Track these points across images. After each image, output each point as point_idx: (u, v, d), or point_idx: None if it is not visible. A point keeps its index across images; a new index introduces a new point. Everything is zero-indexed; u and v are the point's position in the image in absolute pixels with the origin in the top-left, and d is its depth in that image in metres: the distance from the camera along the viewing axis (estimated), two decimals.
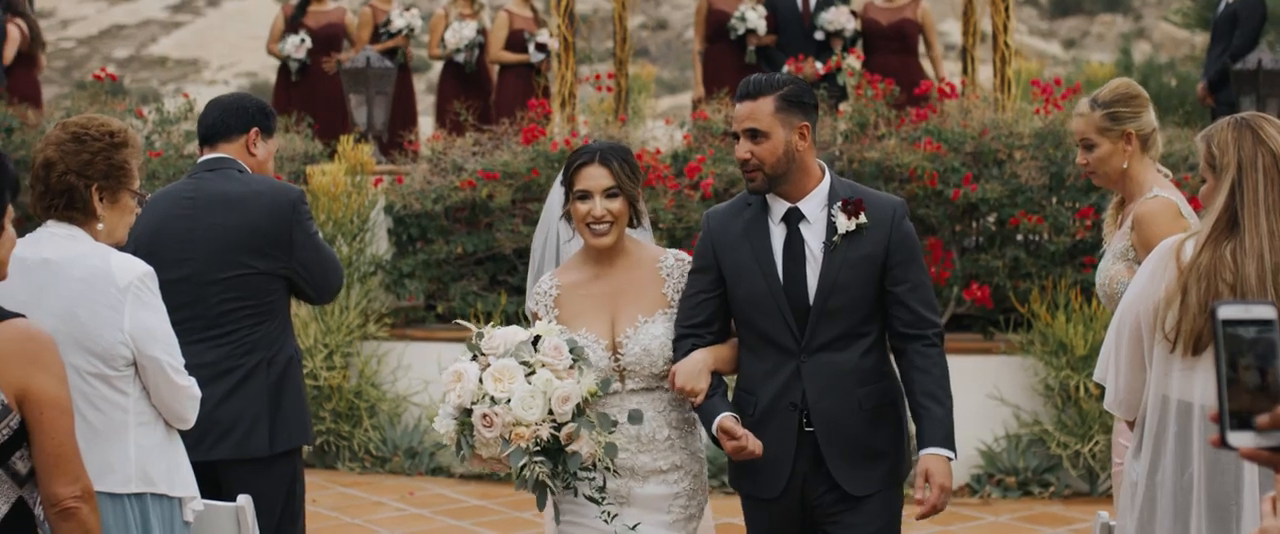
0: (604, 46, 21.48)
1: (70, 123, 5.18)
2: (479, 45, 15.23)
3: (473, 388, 5.23)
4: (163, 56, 30.77)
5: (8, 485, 4.17)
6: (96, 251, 5.02)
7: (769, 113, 5.44)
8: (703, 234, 5.71)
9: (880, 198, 5.57)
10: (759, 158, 5.44)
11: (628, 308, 5.66)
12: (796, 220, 5.53)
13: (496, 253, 11.76)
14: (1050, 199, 11.04)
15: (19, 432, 4.14)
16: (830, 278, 5.45)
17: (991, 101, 12.40)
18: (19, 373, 4.09)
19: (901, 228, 5.53)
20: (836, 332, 5.49)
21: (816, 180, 5.56)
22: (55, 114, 13.01)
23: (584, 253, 5.78)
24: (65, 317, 4.93)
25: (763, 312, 5.53)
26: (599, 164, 5.61)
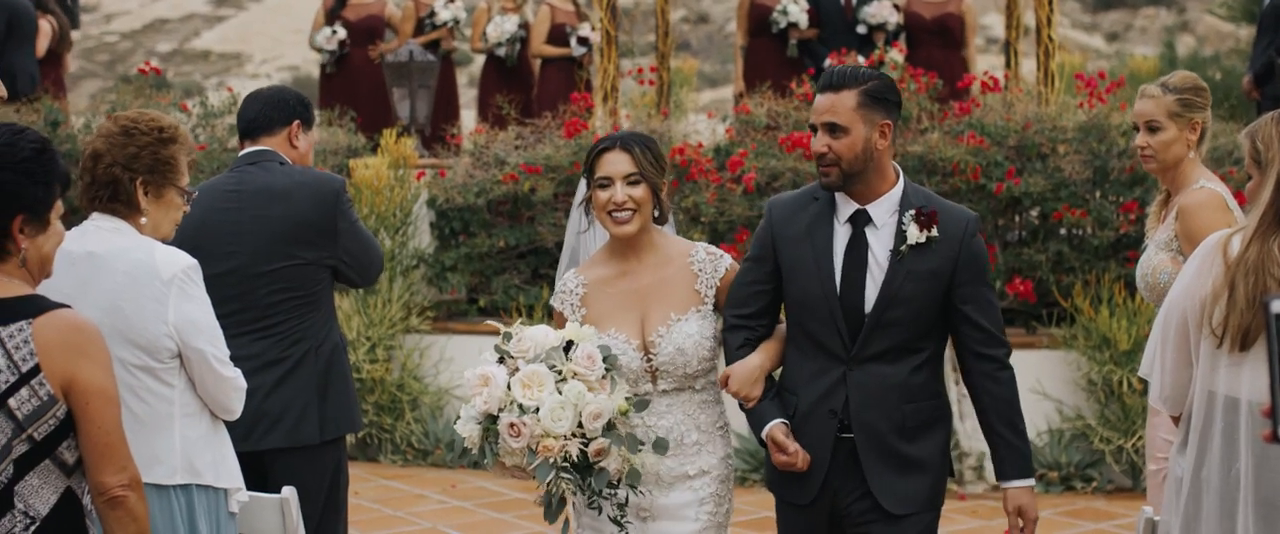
0: (645, 40, 21.48)
1: (121, 116, 5.20)
2: (520, 39, 15.23)
3: (500, 394, 5.07)
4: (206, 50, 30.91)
5: (56, 475, 4.19)
6: (140, 245, 5.03)
7: (851, 107, 5.22)
8: (764, 222, 5.49)
9: (953, 210, 5.36)
10: (836, 153, 5.23)
11: (659, 305, 5.49)
12: (863, 223, 5.32)
13: (538, 246, 11.77)
14: (1094, 193, 10.99)
15: (66, 422, 4.15)
16: (892, 289, 5.25)
17: (1035, 95, 12.35)
18: (65, 363, 4.11)
19: (972, 245, 5.32)
20: (889, 344, 5.29)
21: (890, 184, 5.34)
22: (100, 108, 13.05)
23: (610, 248, 5.61)
24: (110, 310, 4.95)
25: (814, 315, 5.34)
26: (620, 150, 5.46)
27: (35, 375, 4.10)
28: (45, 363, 4.10)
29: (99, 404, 4.15)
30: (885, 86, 5.27)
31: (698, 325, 5.45)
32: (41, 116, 12.69)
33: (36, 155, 4.20)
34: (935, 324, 5.34)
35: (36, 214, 4.21)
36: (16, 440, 4.12)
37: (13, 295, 4.17)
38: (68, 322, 4.16)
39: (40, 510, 4.18)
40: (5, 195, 4.16)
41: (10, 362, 4.10)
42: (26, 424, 4.11)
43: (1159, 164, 6.39)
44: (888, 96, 5.26)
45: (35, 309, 4.15)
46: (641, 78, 13.91)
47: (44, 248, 4.26)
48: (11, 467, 4.14)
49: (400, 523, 9.68)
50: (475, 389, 5.10)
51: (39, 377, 4.10)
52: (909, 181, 5.37)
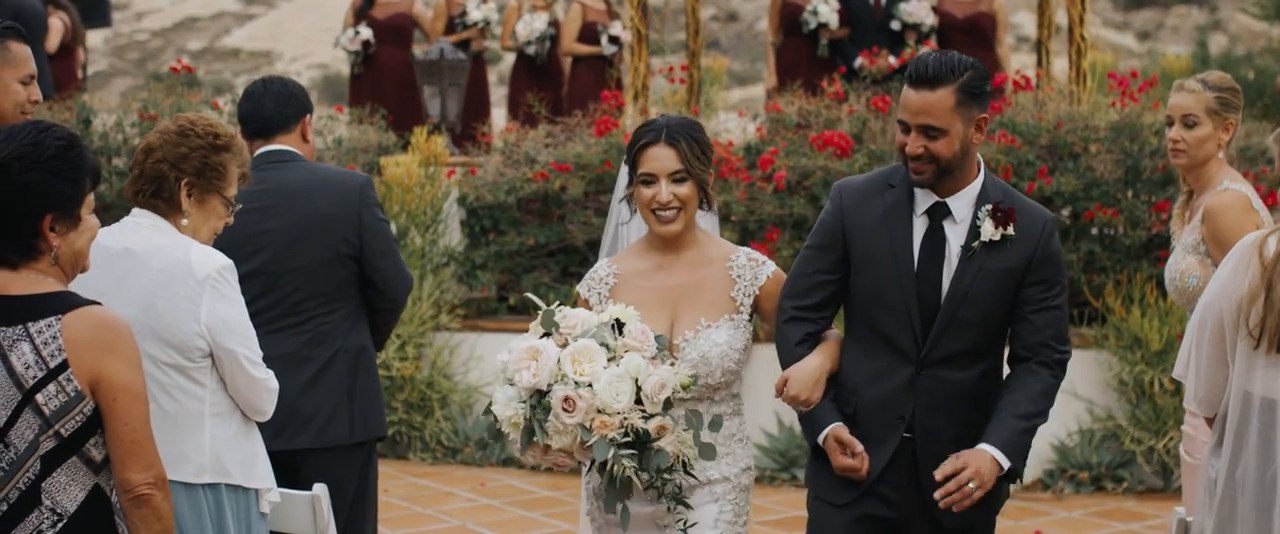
0: (674, 38, 21.47)
1: (181, 117, 5.22)
2: (550, 37, 15.24)
3: (552, 367, 4.80)
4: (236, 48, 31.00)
5: (83, 472, 4.19)
6: (177, 243, 5.05)
7: (949, 107, 4.94)
8: (831, 209, 5.22)
9: (1031, 208, 5.13)
10: (934, 153, 4.98)
11: (690, 307, 5.25)
12: (942, 216, 5.10)
13: (569, 245, 11.78)
14: (1126, 193, 10.96)
15: (92, 418, 4.16)
16: (963, 285, 5.04)
17: (1067, 94, 12.31)
18: (93, 359, 4.12)
19: (1048, 245, 5.10)
20: (962, 346, 5.08)
21: (973, 177, 5.11)
22: (131, 106, 13.09)
23: (647, 240, 5.38)
24: (144, 307, 4.96)
25: (887, 308, 5.11)
26: (665, 144, 5.20)
27: (63, 371, 4.10)
28: (73, 359, 4.11)
29: (125, 401, 4.16)
30: (980, 77, 4.99)
31: (728, 334, 5.21)
32: (74, 114, 12.73)
33: (63, 152, 4.19)
34: (1003, 328, 5.15)
35: (66, 211, 4.21)
36: (44, 436, 4.13)
37: (44, 291, 4.18)
38: (97, 318, 4.17)
39: (67, 507, 4.18)
40: (34, 195, 4.16)
41: (39, 357, 4.10)
42: (54, 420, 4.12)
43: (1189, 160, 6.37)
44: (983, 87, 4.99)
45: (65, 305, 4.15)
46: (672, 76, 13.91)
47: (76, 244, 4.26)
48: (39, 463, 4.14)
49: (429, 521, 9.69)
50: (520, 364, 4.84)
51: (67, 372, 4.10)
52: (990, 174, 5.16)
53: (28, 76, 5.58)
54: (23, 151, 4.18)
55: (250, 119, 6.37)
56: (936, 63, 4.93)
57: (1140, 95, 11.44)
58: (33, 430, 4.12)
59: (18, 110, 5.60)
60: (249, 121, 6.37)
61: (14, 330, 4.12)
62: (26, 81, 5.61)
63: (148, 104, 12.68)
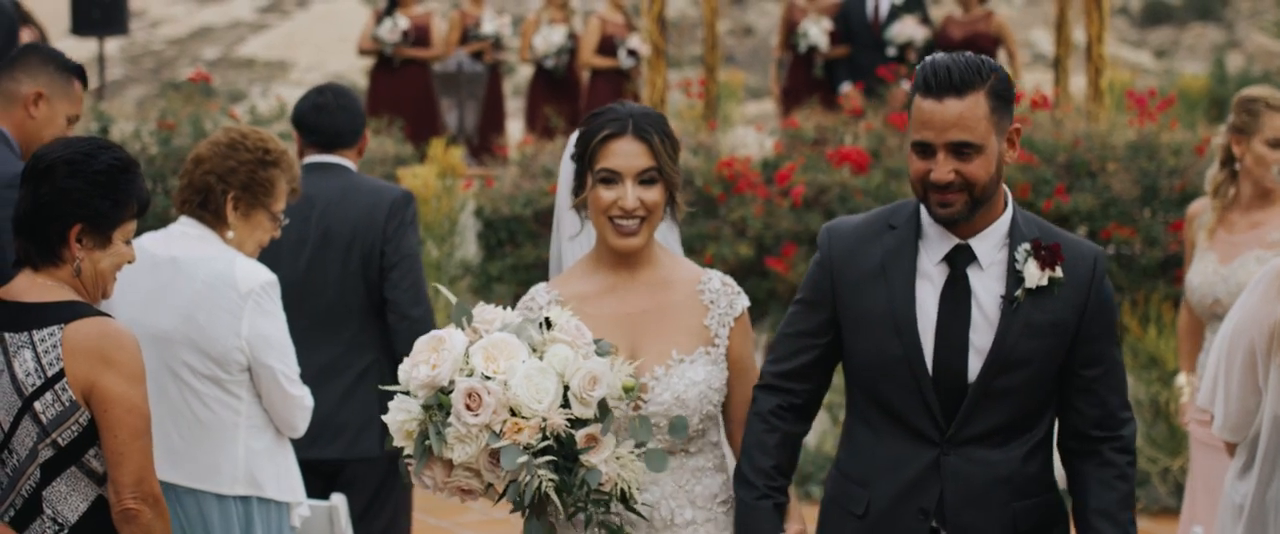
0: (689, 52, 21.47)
1: (233, 129, 5.25)
2: (568, 50, 15.26)
3: (456, 357, 3.91)
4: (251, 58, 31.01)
5: (85, 483, 4.20)
6: (223, 255, 5.06)
7: (984, 116, 3.98)
8: (820, 257, 4.25)
9: (1077, 245, 4.16)
10: (969, 178, 3.98)
11: (656, 338, 4.28)
12: (965, 262, 4.11)
13: None
14: (1143, 211, 10.95)
15: (90, 429, 4.16)
16: (1006, 347, 4.05)
17: (1084, 112, 12.31)
18: (88, 370, 4.12)
19: (1101, 289, 4.15)
20: (999, 420, 4.11)
21: (1000, 209, 4.13)
22: (149, 114, 13.10)
23: (595, 257, 4.40)
24: (185, 316, 4.97)
25: (895, 382, 4.13)
26: (634, 137, 4.24)
27: (59, 380, 4.12)
28: (69, 368, 4.12)
29: (117, 413, 4.14)
30: (1006, 79, 4.08)
31: (706, 372, 4.28)
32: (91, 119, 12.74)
33: (113, 171, 4.22)
34: (1052, 394, 4.19)
35: (97, 227, 4.22)
36: (42, 445, 4.15)
37: (52, 300, 4.19)
38: (98, 328, 4.17)
39: (68, 518, 4.20)
40: (68, 201, 4.19)
41: (39, 365, 4.12)
42: (51, 429, 4.13)
43: None
44: (1012, 92, 4.10)
45: (71, 315, 4.17)
46: (689, 90, 13.91)
47: (99, 264, 4.26)
48: (39, 471, 4.17)
49: (443, 533, 9.67)
50: (422, 357, 3.93)
51: (62, 381, 4.12)
52: (1017, 205, 4.21)
53: (75, 116, 5.58)
54: (74, 158, 4.23)
55: (316, 130, 6.33)
56: (958, 65, 3.98)
57: (1158, 114, 11.43)
58: (31, 438, 4.15)
59: (44, 142, 5.60)
60: (314, 132, 6.33)
61: (20, 337, 4.15)
62: (72, 120, 5.60)
63: (165, 112, 12.70)
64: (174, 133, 11.76)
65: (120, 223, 4.26)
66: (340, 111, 6.34)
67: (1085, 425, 4.20)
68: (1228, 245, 6.42)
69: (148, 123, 12.73)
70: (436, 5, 20.75)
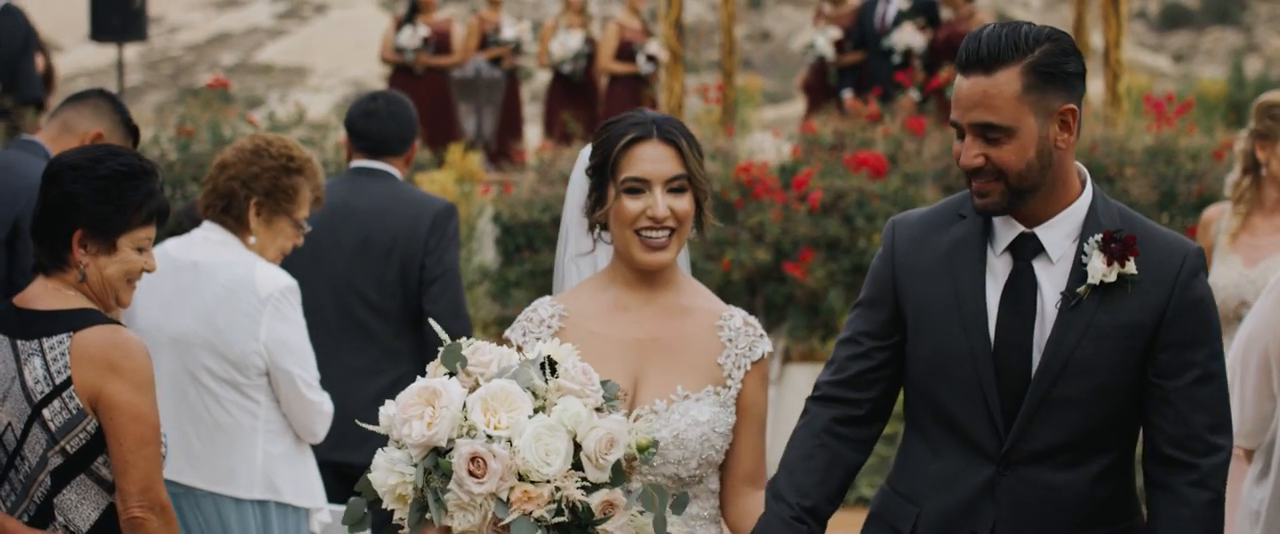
0: (706, 58, 21.49)
1: (259, 135, 5.26)
2: (586, 56, 15.29)
3: (454, 414, 3.45)
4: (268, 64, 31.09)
5: (95, 491, 4.19)
6: (243, 260, 5.08)
7: (1014, 95, 3.53)
8: (882, 251, 3.84)
9: (1163, 238, 3.66)
10: (999, 164, 3.57)
11: (663, 369, 3.87)
12: (1030, 253, 3.65)
13: None
14: (1161, 216, 10.93)
15: (97, 437, 4.15)
16: (1064, 349, 3.58)
17: (1102, 117, 12.30)
18: (95, 377, 4.11)
19: (1189, 289, 3.60)
20: (1062, 436, 3.61)
21: (1073, 195, 3.66)
22: (168, 121, 13.14)
23: (610, 273, 3.99)
24: (204, 320, 4.99)
25: (955, 384, 3.68)
26: (661, 141, 3.86)
27: (67, 388, 4.11)
28: (76, 376, 4.11)
29: (123, 422, 4.12)
30: (1061, 51, 3.57)
31: (712, 413, 3.83)
32: None
33: (118, 177, 4.20)
34: (1127, 412, 3.66)
35: (99, 232, 4.20)
36: (51, 452, 4.14)
37: (63, 307, 4.19)
38: (106, 337, 4.16)
39: (80, 526, 4.19)
40: (70, 205, 4.19)
41: (47, 373, 4.12)
42: (58, 436, 4.13)
43: None
44: (1067, 66, 3.58)
45: (80, 322, 4.16)
46: (707, 96, 13.91)
47: (106, 270, 4.23)
48: (49, 478, 4.16)
49: None
50: (411, 411, 3.47)
51: (70, 389, 4.11)
52: (1100, 192, 3.72)
53: (96, 137, 5.59)
54: (80, 163, 4.23)
55: (365, 135, 6.33)
56: (993, 37, 3.57)
57: (1176, 119, 11.42)
58: (41, 446, 4.15)
59: None
60: (363, 137, 6.33)
61: (31, 344, 4.15)
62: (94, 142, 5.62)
63: (184, 119, 12.74)
64: (192, 139, 11.79)
65: (126, 230, 4.22)
66: (390, 119, 6.34)
67: (1163, 444, 3.61)
68: (1252, 249, 6.43)
69: (166, 129, 12.77)
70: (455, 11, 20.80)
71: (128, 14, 15.15)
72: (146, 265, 4.29)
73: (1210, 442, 3.59)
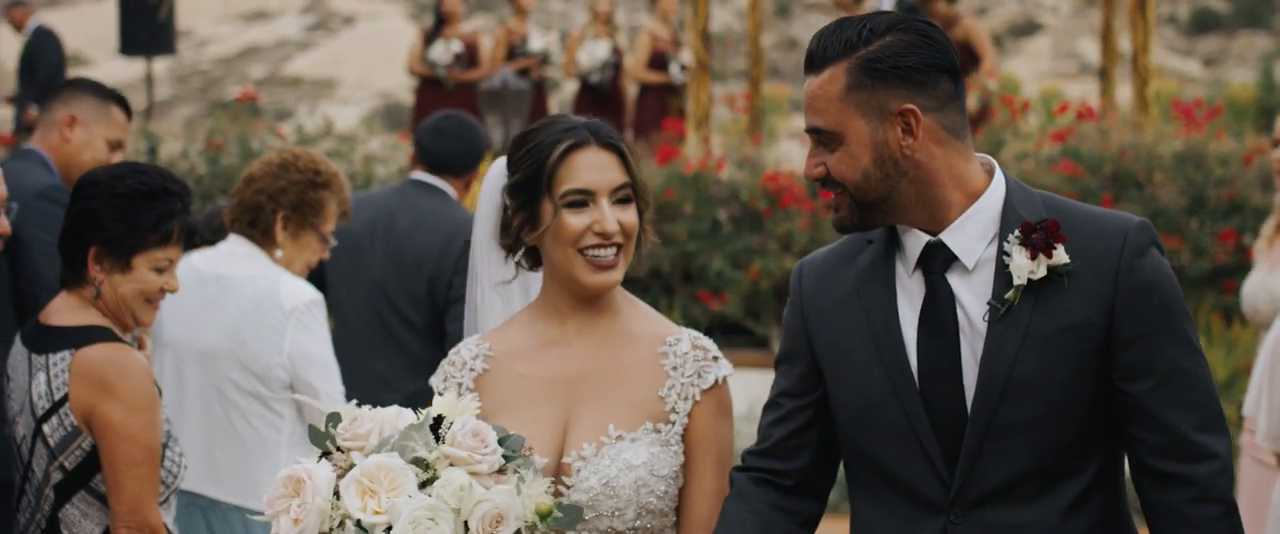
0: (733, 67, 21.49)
1: (287, 150, 5.28)
2: (612, 65, 15.30)
3: (320, 506, 3.04)
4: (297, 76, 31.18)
5: (97, 508, 4.19)
6: (268, 273, 5.10)
7: (836, 95, 3.10)
8: (791, 296, 3.36)
9: (1100, 219, 3.13)
10: (835, 174, 3.13)
11: (595, 408, 3.41)
12: (942, 265, 3.15)
13: (630, 275, 11.76)
14: (1190, 222, 10.90)
15: (94, 454, 4.15)
16: (1000, 366, 3.06)
17: (1130, 123, 12.27)
18: (88, 396, 4.11)
19: (1136, 272, 3.05)
20: (1018, 467, 3.09)
21: (974, 190, 3.15)
22: (197, 134, 13.20)
23: (542, 303, 3.53)
24: (229, 333, 5.00)
25: (884, 431, 3.18)
26: (601, 147, 3.42)
27: (63, 405, 4.13)
28: (72, 393, 4.12)
29: (113, 442, 4.11)
30: (903, 45, 3.10)
31: (648, 454, 3.36)
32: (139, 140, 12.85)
33: (133, 195, 4.20)
34: (1096, 421, 3.12)
35: (112, 250, 4.20)
36: (52, 467, 4.16)
37: (69, 324, 4.20)
38: (104, 355, 4.15)
39: None
40: (86, 221, 4.20)
41: (49, 388, 4.14)
42: (57, 452, 4.15)
43: None
44: (906, 60, 3.09)
45: (84, 339, 4.17)
46: (734, 105, 13.91)
47: (120, 289, 4.23)
48: (52, 493, 4.18)
49: None
50: (277, 504, 3.09)
51: (66, 406, 4.12)
52: (1016, 182, 3.22)
53: (116, 142, 5.62)
54: (102, 179, 4.25)
55: (430, 151, 6.45)
56: (827, 31, 3.17)
57: (1206, 124, 11.38)
58: (44, 460, 4.17)
59: (86, 167, 5.61)
60: (426, 152, 6.46)
61: (40, 359, 4.17)
62: (114, 146, 5.64)
63: (213, 132, 12.78)
64: (221, 152, 11.84)
65: (141, 249, 4.20)
66: (455, 139, 6.44)
67: (1147, 457, 3.09)
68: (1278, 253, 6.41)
69: (195, 142, 12.83)
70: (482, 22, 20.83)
71: (156, 28, 15.24)
72: (166, 286, 4.27)
73: (1200, 444, 3.05)
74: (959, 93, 3.15)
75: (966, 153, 3.16)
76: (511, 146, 3.50)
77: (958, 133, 3.13)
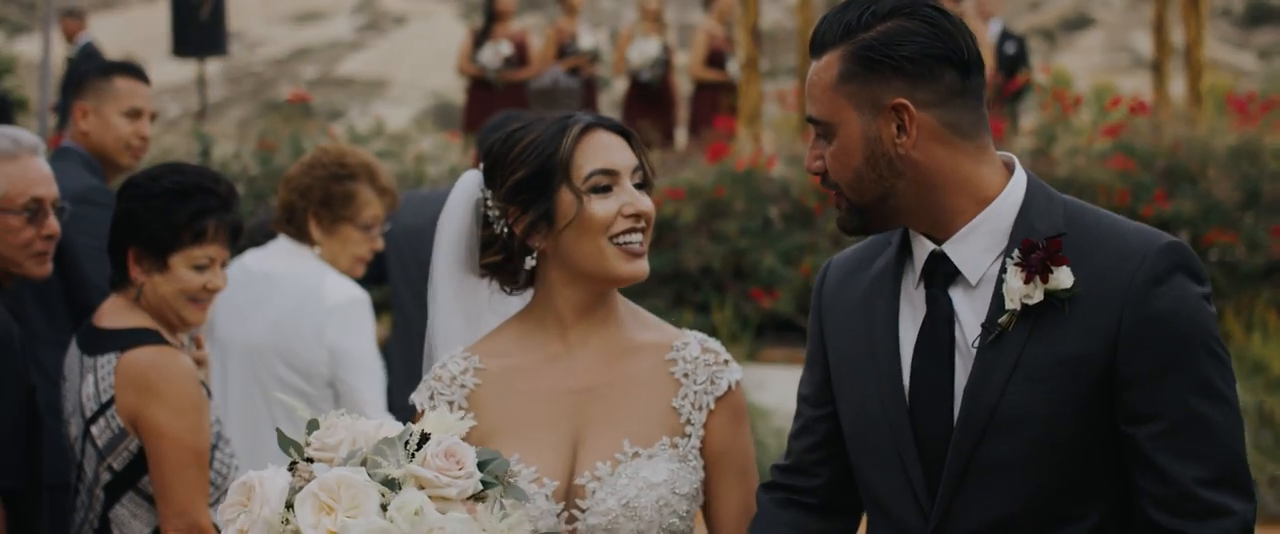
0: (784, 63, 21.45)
1: (320, 146, 5.31)
2: (663, 62, 15.31)
3: (269, 517, 2.76)
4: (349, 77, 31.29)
5: (146, 509, 4.21)
6: (313, 269, 5.11)
7: (829, 84, 2.84)
8: (813, 300, 3.13)
9: (1124, 238, 2.77)
10: (830, 171, 2.89)
11: (606, 423, 3.15)
12: (945, 278, 2.86)
13: (681, 271, 11.79)
14: (1245, 216, 10.83)
15: (141, 456, 4.17)
16: (986, 396, 2.76)
17: (1184, 117, 12.20)
18: (133, 399, 4.13)
19: (1150, 300, 2.71)
20: (1001, 509, 2.78)
21: (987, 195, 2.84)
22: (248, 135, 13.27)
23: (538, 312, 3.23)
24: (275, 329, 5.03)
25: (874, 454, 2.94)
26: (608, 130, 3.18)
27: (110, 407, 4.15)
28: (118, 396, 4.14)
29: (157, 445, 4.12)
30: (903, 32, 2.81)
31: (670, 471, 3.11)
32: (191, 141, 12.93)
33: (168, 195, 4.21)
34: (1094, 464, 2.79)
35: (149, 250, 4.21)
36: (101, 467, 4.19)
37: (117, 326, 4.22)
38: (149, 358, 4.16)
39: None
40: (126, 223, 4.23)
41: (96, 390, 4.16)
42: (105, 453, 4.17)
43: None
44: (902, 50, 2.80)
45: (130, 342, 4.18)
46: (784, 101, 13.89)
47: (160, 289, 4.23)
48: (103, 493, 4.21)
49: None
50: (227, 515, 2.85)
51: (112, 409, 4.15)
52: (1039, 186, 2.89)
53: (132, 110, 5.64)
54: (139, 181, 4.27)
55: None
56: (833, 14, 2.90)
57: (1260, 117, 11.31)
58: (93, 461, 4.20)
59: (121, 144, 5.64)
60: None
61: (89, 361, 4.20)
62: (132, 115, 5.66)
63: (265, 133, 12.85)
64: (274, 153, 11.89)
65: (177, 248, 4.20)
66: None
67: (1149, 509, 2.74)
68: None
69: (248, 143, 12.90)
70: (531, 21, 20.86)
71: (208, 30, 15.32)
72: (208, 284, 4.26)
73: (1208, 501, 2.68)
74: (969, 87, 2.84)
75: (979, 154, 2.85)
76: (496, 152, 3.22)
77: (966, 132, 2.83)
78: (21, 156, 4.40)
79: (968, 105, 2.83)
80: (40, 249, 4.44)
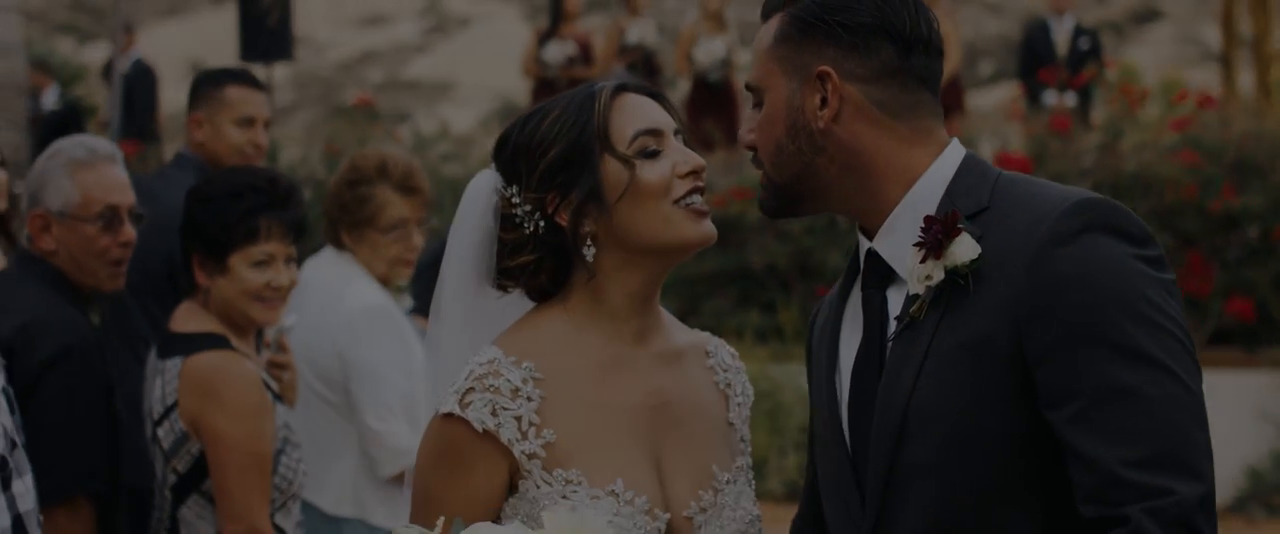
0: None
1: (353, 155, 5.33)
2: (727, 62, 15.30)
3: None
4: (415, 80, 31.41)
5: (210, 511, 4.24)
6: (341, 275, 5.10)
7: (764, 48, 2.62)
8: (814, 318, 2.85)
9: (1039, 199, 2.47)
10: (757, 145, 2.64)
11: (685, 445, 2.75)
12: (878, 279, 2.59)
13: (747, 271, 11.79)
14: None
15: (203, 459, 4.20)
16: (898, 393, 2.48)
17: (1252, 109, 12.10)
18: (194, 404, 4.17)
19: (1055, 260, 2.38)
20: (929, 521, 2.46)
21: (905, 179, 2.56)
22: (315, 140, 13.37)
23: (587, 307, 2.77)
24: (308, 333, 5.05)
25: (825, 479, 2.66)
26: (647, 96, 2.81)
27: (173, 411, 4.20)
28: (181, 400, 4.19)
29: (216, 450, 4.15)
30: (843, 3, 2.56)
31: (751, 499, 2.80)
32: None
33: (222, 197, 4.26)
34: (1024, 463, 2.42)
35: (209, 253, 4.25)
36: (167, 469, 4.24)
37: (185, 331, 4.27)
38: (211, 363, 4.20)
39: None
40: (189, 229, 4.29)
41: (162, 394, 4.22)
42: (170, 455, 4.23)
43: None
44: (837, 14, 2.55)
45: (196, 347, 4.22)
46: None
47: (225, 292, 4.27)
48: (170, 494, 4.26)
49: None
50: None
51: (175, 413, 4.19)
52: (976, 163, 2.59)
53: (245, 118, 5.70)
54: (202, 186, 4.35)
55: None
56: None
57: None
58: (160, 463, 4.26)
59: (236, 153, 5.71)
60: None
61: (159, 364, 4.26)
62: (244, 124, 5.71)
63: (331, 137, 12.93)
64: (340, 157, 11.96)
65: (233, 248, 4.22)
66: None
67: (1081, 503, 2.36)
68: None
69: (315, 148, 12.98)
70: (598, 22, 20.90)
71: (275, 34, 15.40)
72: (272, 282, 4.28)
73: (1138, 484, 2.29)
74: (909, 67, 2.57)
75: (912, 138, 2.56)
76: (517, 140, 2.81)
77: (897, 113, 2.55)
78: (97, 164, 4.43)
79: (904, 85, 2.56)
80: (116, 256, 4.44)
